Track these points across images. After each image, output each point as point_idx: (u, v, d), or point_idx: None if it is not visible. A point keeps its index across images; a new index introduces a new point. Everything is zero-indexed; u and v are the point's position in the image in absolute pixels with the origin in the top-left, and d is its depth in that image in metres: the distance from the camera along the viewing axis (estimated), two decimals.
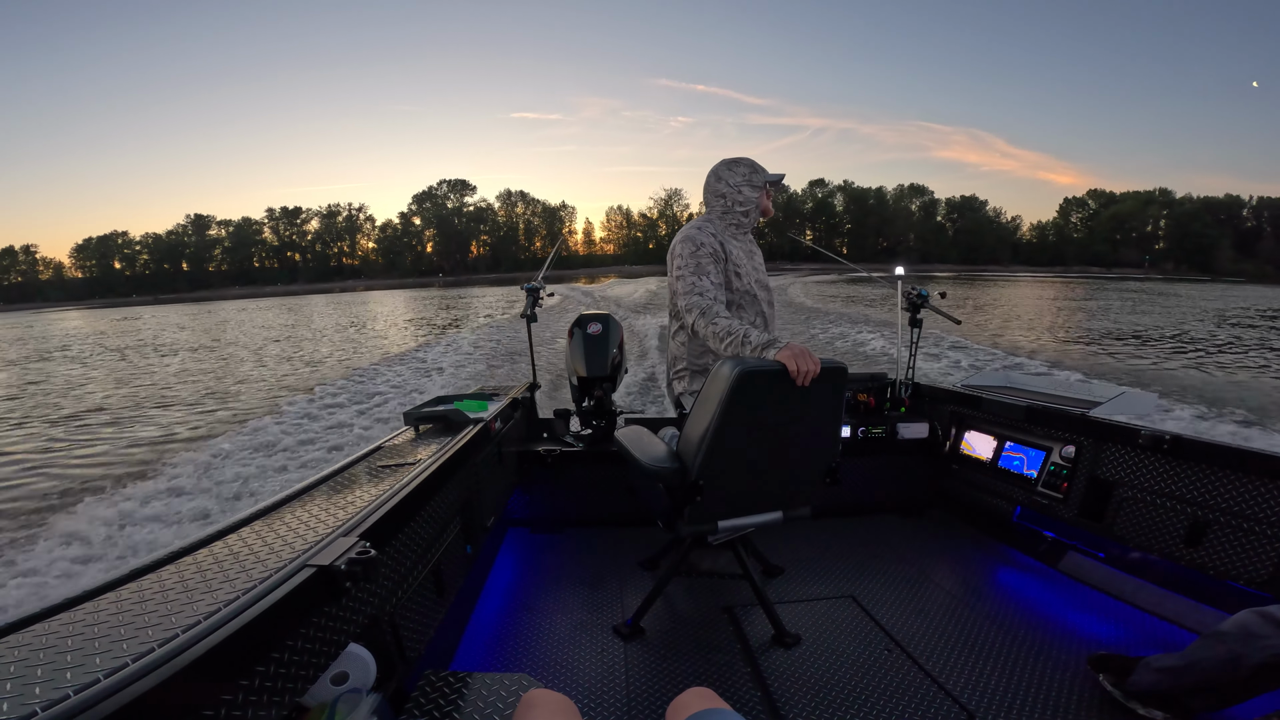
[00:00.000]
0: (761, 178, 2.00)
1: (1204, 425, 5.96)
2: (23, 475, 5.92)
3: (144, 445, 6.76)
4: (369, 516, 1.14)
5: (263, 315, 31.01)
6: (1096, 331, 15.16)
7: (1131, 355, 11.54)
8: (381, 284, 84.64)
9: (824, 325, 14.76)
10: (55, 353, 18.00)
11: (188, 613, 0.75)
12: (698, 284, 1.84)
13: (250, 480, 4.97)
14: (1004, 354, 10.46)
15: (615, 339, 2.81)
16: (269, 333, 20.02)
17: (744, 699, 1.56)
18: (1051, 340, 13.58)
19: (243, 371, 12.17)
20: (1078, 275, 72.51)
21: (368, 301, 39.84)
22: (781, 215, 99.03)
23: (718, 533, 1.73)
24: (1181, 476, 1.88)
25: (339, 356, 13.47)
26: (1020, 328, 15.69)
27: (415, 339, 15.79)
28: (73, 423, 8.22)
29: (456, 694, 1.11)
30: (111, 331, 25.37)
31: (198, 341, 18.53)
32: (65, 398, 10.15)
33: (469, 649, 1.80)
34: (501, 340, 13.16)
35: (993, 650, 1.75)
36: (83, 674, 0.61)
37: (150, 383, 11.32)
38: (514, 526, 2.72)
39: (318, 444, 5.92)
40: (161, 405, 9.04)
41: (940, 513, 2.81)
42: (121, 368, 13.80)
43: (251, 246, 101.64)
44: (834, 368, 1.59)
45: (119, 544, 3.95)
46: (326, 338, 17.78)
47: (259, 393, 9.65)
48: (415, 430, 1.96)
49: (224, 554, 0.96)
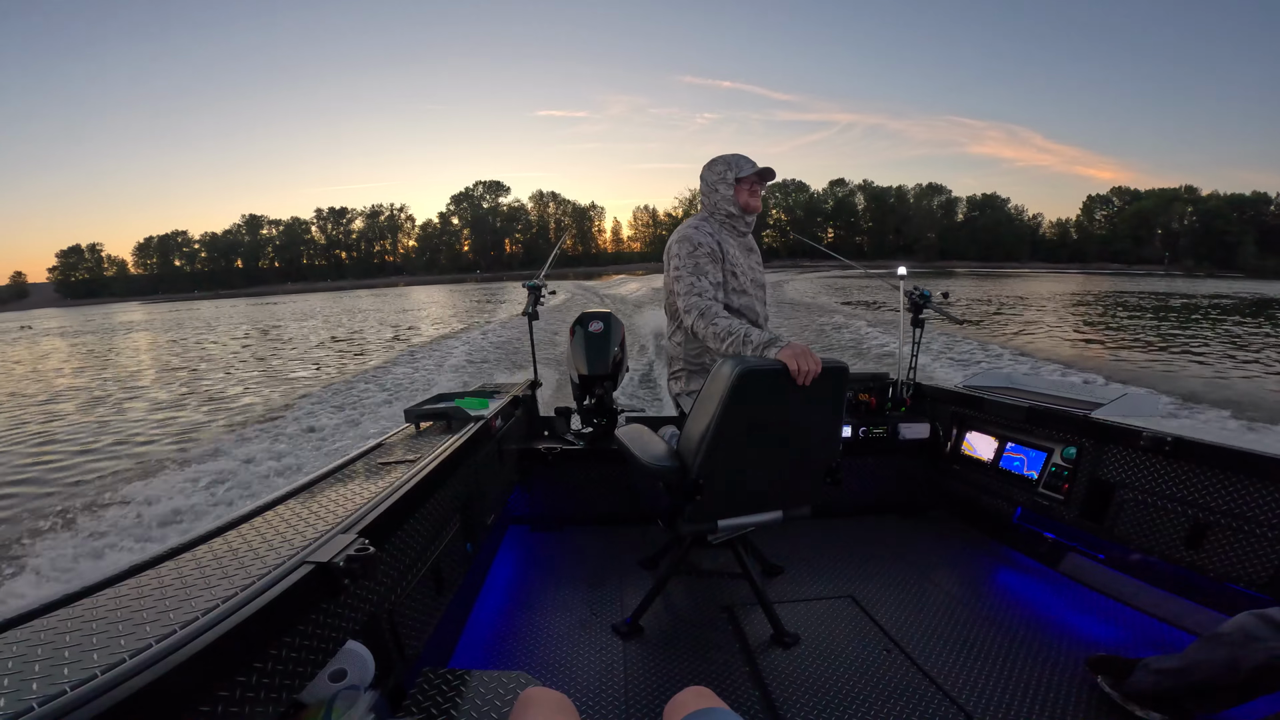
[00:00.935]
0: (734, 174, 1.96)
1: (1204, 426, 5.93)
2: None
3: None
4: (368, 514, 1.14)
5: (359, 302, 34.74)
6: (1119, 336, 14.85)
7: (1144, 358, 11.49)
8: (422, 280, 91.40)
9: (825, 323, 14.74)
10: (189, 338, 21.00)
11: (185, 609, 0.75)
12: (696, 284, 1.84)
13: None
14: (1010, 353, 10.44)
15: (616, 337, 2.81)
16: (379, 328, 21.28)
17: (742, 698, 1.56)
18: (1063, 341, 13.51)
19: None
20: (1089, 271, 72.95)
21: (408, 294, 44.08)
22: (803, 214, 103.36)
23: (717, 532, 1.73)
24: (1183, 478, 1.87)
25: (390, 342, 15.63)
26: (1041, 332, 15.23)
27: (463, 321, 17.78)
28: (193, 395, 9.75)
29: (454, 692, 1.11)
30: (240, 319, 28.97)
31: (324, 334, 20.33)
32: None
33: (467, 647, 1.80)
34: (514, 337, 13.45)
35: (992, 651, 1.75)
36: (80, 669, 0.61)
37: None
38: (514, 524, 2.72)
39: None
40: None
41: (941, 513, 2.81)
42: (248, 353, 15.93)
43: (301, 245, 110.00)
44: (835, 367, 1.59)
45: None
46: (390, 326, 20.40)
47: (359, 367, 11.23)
48: (416, 427, 1.96)
49: (223, 550, 0.96)
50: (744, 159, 1.98)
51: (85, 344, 21.37)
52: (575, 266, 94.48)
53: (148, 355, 16.90)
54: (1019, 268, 76.31)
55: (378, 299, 40.47)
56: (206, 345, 18.15)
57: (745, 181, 1.98)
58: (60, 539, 4.14)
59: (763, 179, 2.00)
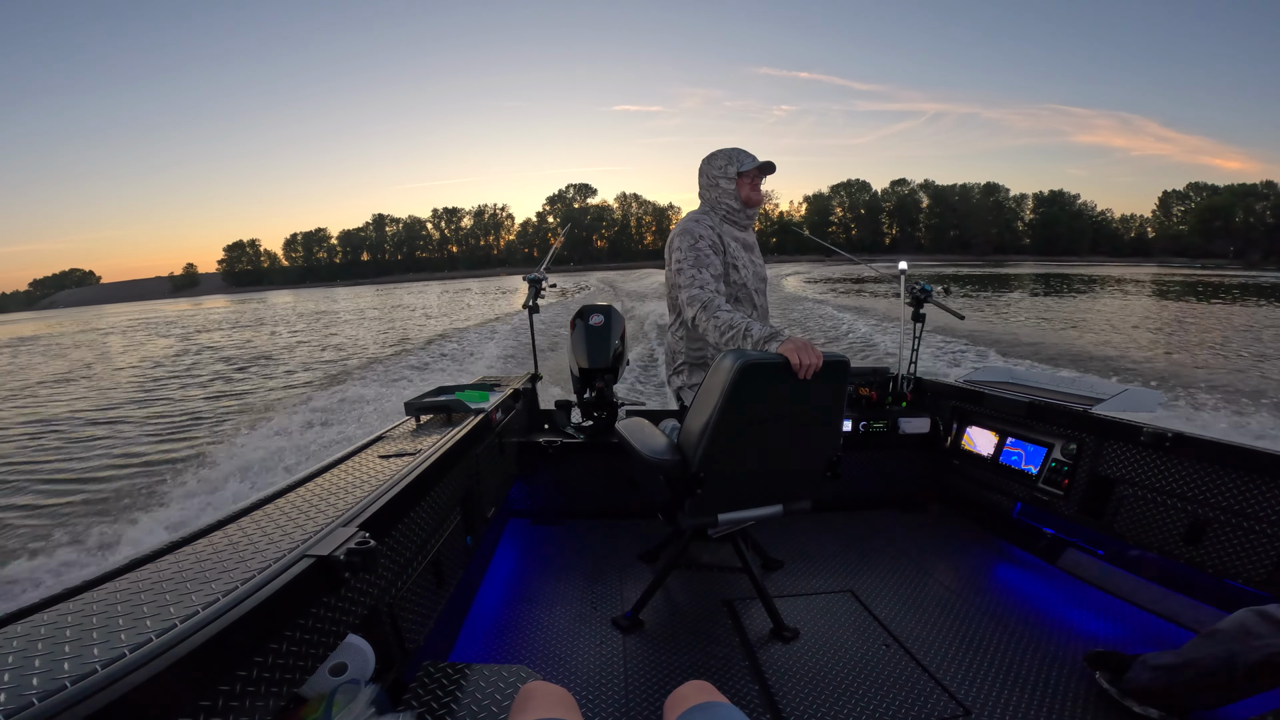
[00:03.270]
0: (735, 169, 1.96)
1: (1206, 423, 5.93)
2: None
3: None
4: (369, 507, 1.14)
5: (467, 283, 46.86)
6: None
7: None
8: (521, 270, 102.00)
9: (825, 316, 14.71)
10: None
11: (186, 603, 0.75)
12: (698, 276, 1.83)
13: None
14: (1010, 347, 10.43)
15: (617, 330, 2.80)
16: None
17: (742, 692, 1.57)
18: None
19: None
20: (1133, 263, 73.60)
21: (509, 280, 53.75)
22: (864, 212, 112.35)
23: (717, 525, 1.73)
24: (1182, 474, 1.87)
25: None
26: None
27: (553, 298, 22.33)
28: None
29: (455, 685, 1.11)
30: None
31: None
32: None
33: (468, 640, 1.81)
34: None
35: (990, 646, 1.75)
36: (80, 664, 0.61)
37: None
38: (514, 518, 2.72)
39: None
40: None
41: (940, 508, 2.81)
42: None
43: (419, 239, 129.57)
44: (836, 361, 1.58)
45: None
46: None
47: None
48: (416, 420, 1.96)
49: (223, 544, 0.96)
50: (745, 153, 1.97)
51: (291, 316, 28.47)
52: (655, 260, 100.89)
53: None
54: (1079, 264, 75.24)
55: (482, 282, 51.64)
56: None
57: (747, 175, 1.97)
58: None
59: (763, 172, 1.99)
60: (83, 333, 28.46)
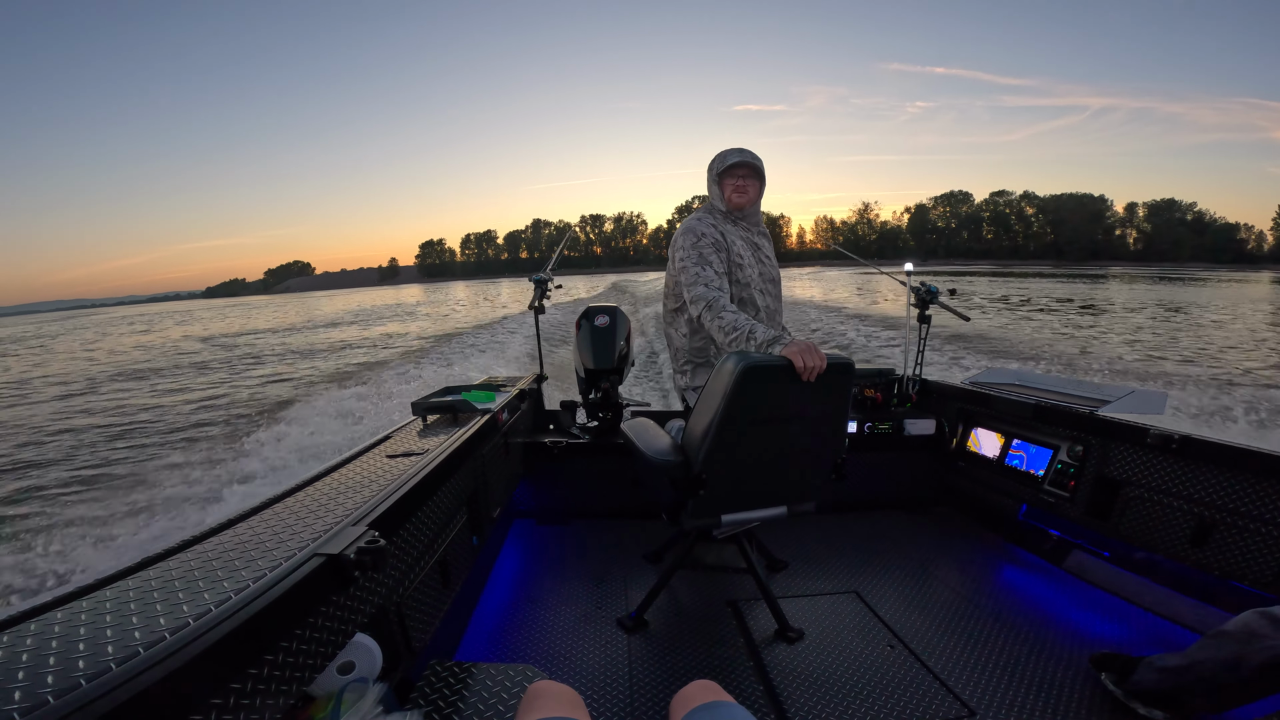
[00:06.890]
0: (718, 168, 1.93)
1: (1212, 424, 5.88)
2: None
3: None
4: (378, 506, 1.15)
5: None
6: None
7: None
8: (652, 270, 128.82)
9: (833, 319, 14.68)
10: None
11: (198, 602, 0.76)
12: (702, 274, 1.83)
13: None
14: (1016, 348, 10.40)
15: (623, 331, 2.81)
16: None
17: (747, 692, 1.57)
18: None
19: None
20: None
21: (641, 277, 59.08)
22: (957, 224, 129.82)
23: (722, 526, 1.73)
24: (1189, 476, 1.86)
25: None
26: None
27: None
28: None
29: (461, 684, 1.12)
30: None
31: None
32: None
33: (474, 640, 1.82)
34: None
35: (995, 647, 1.75)
36: (94, 662, 0.62)
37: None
38: (520, 518, 2.73)
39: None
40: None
41: (946, 509, 2.81)
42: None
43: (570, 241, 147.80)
44: (840, 363, 1.58)
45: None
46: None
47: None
48: (423, 420, 1.97)
49: (234, 543, 0.97)
50: (730, 152, 1.93)
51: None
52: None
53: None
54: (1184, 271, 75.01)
55: (620, 277, 59.04)
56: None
57: (727, 175, 1.94)
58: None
59: (753, 175, 1.93)
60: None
